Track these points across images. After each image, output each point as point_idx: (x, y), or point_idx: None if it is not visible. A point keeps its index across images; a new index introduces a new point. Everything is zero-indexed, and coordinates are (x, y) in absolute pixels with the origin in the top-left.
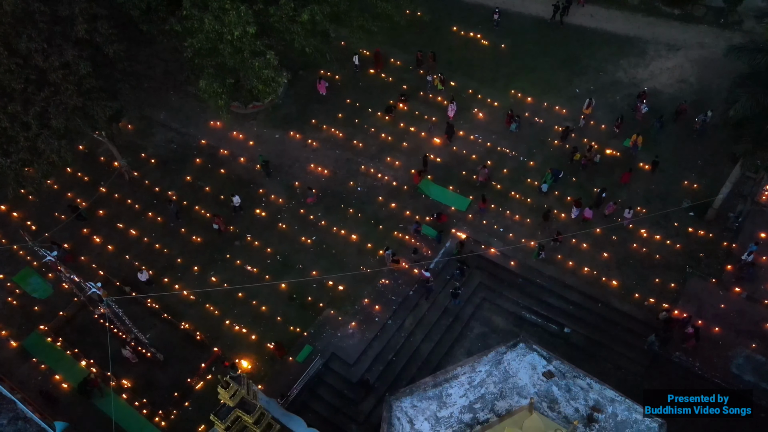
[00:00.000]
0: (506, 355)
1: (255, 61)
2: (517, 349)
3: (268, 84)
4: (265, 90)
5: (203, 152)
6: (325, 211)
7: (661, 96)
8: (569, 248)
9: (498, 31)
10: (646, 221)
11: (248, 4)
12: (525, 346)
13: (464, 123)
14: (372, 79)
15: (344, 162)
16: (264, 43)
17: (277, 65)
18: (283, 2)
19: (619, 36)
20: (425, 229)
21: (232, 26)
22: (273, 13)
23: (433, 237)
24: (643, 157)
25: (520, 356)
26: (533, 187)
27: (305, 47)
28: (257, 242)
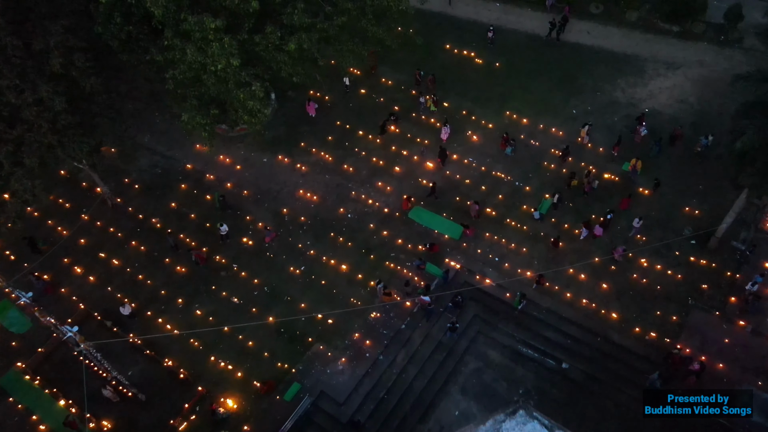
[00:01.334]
0: (505, 423)
1: (240, 93)
2: (517, 416)
3: (254, 115)
4: (252, 121)
5: (189, 177)
6: (314, 239)
7: (660, 117)
8: (566, 279)
9: (492, 49)
10: (646, 250)
11: (232, 33)
12: (525, 413)
13: (458, 146)
14: (363, 100)
15: (334, 187)
16: (249, 73)
17: (263, 97)
18: (269, 31)
19: (616, 54)
20: (430, 267)
21: (215, 57)
22: (258, 42)
23: (438, 277)
24: (643, 182)
25: (519, 425)
26: (529, 213)
27: (293, 76)
28: (244, 272)
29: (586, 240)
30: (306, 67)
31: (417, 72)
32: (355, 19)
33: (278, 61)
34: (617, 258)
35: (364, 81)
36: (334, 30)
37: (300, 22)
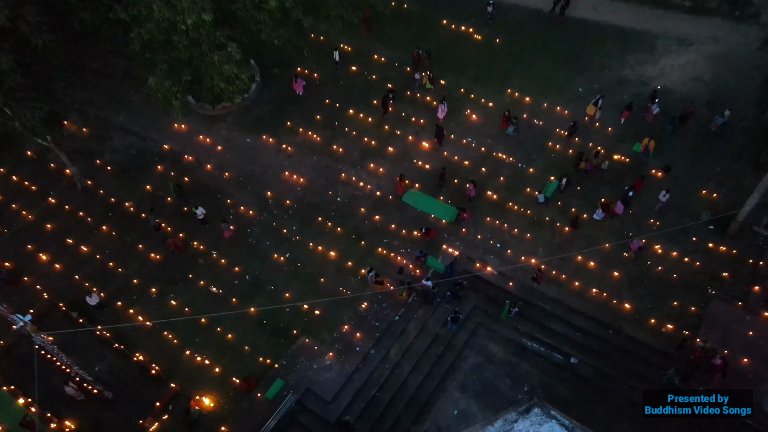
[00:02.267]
0: (517, 424)
1: (214, 55)
2: (531, 415)
3: (231, 82)
4: (229, 89)
5: (166, 158)
6: (300, 224)
7: (672, 95)
8: (575, 267)
9: (492, 25)
10: (660, 236)
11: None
12: (541, 411)
13: (456, 125)
14: (354, 77)
15: (322, 169)
16: (225, 34)
17: (240, 60)
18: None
19: (624, 30)
20: (431, 261)
21: (185, 13)
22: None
23: (441, 272)
24: (655, 164)
25: (534, 425)
26: (533, 197)
27: (274, 39)
28: (224, 260)
29: (596, 224)
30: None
31: (415, 51)
32: None
33: (257, 22)
34: (634, 250)
35: (355, 58)
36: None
37: None
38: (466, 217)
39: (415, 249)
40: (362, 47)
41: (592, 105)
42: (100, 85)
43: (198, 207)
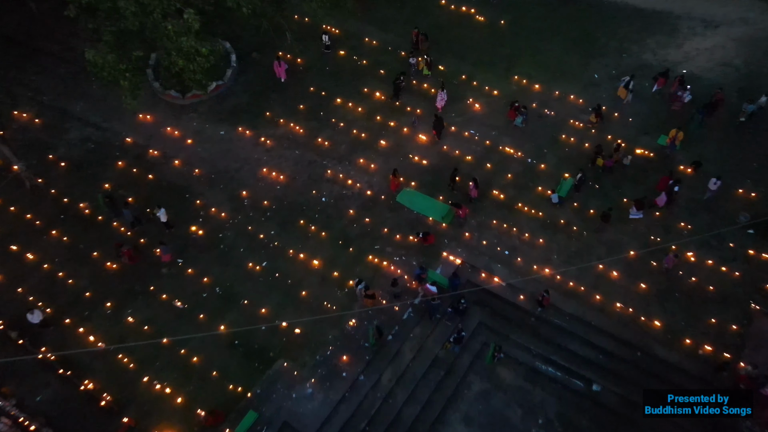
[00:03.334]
0: None
1: (168, 24)
2: None
3: (192, 59)
4: (189, 68)
5: (128, 153)
6: (279, 228)
7: (699, 82)
8: (595, 277)
9: (496, 5)
10: (692, 242)
11: None
12: None
13: (456, 116)
14: (342, 62)
15: (305, 165)
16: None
17: (199, 30)
18: None
19: (643, 10)
20: (432, 275)
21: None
22: None
23: (445, 287)
24: (683, 158)
25: None
26: (545, 196)
27: (242, 7)
28: (191, 269)
29: (620, 227)
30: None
31: (414, 32)
32: None
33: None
34: (668, 267)
35: (344, 41)
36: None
37: None
38: (461, 215)
39: (411, 256)
40: (352, 29)
41: (623, 87)
42: (57, 70)
43: (160, 208)
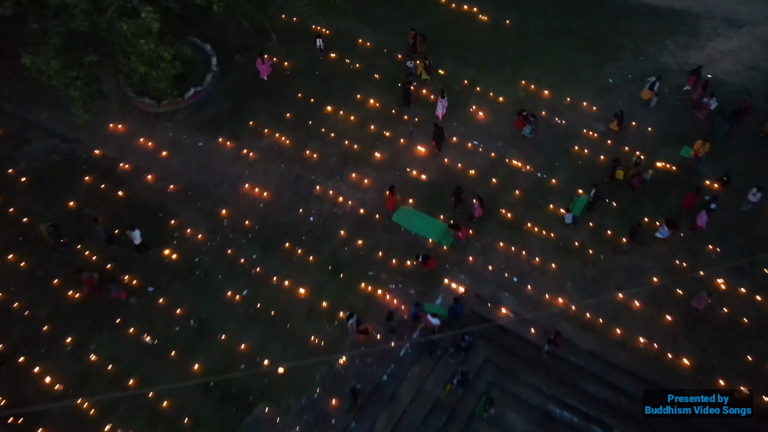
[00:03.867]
0: None
1: (124, 25)
2: None
3: (155, 65)
4: (153, 75)
5: (96, 167)
6: (262, 251)
7: (724, 87)
8: (614, 307)
9: (500, 3)
10: (724, 269)
11: None
12: None
13: (458, 125)
14: (333, 66)
15: (292, 180)
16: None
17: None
18: None
19: (660, 8)
20: (430, 308)
21: None
22: None
23: (445, 317)
24: (709, 172)
25: None
26: (557, 215)
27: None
28: (163, 299)
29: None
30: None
31: (411, 34)
32: None
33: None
34: (699, 308)
35: (335, 42)
36: None
37: None
38: (461, 237)
39: (409, 283)
40: (344, 29)
41: (647, 89)
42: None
43: (134, 229)
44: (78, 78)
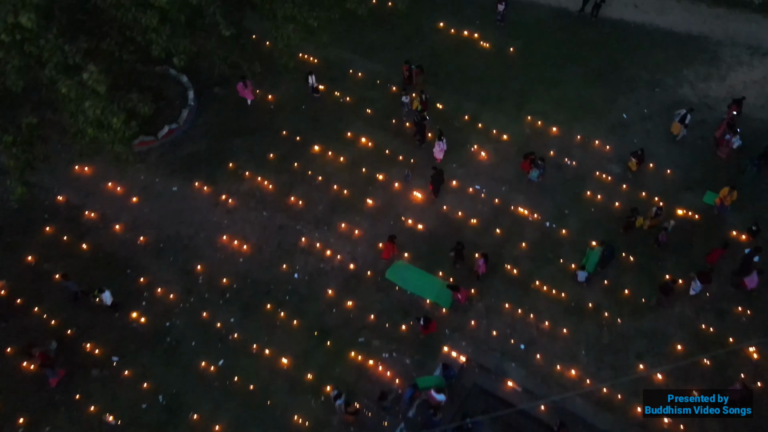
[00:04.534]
0: None
1: (63, 84)
2: None
3: (104, 127)
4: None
5: (59, 215)
6: (241, 313)
7: (749, 123)
8: (634, 379)
9: (504, 29)
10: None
11: None
12: None
13: (458, 167)
14: (321, 100)
15: (274, 231)
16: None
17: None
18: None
19: (677, 34)
20: (424, 382)
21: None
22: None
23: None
24: (736, 221)
25: None
26: (568, 271)
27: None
28: (128, 370)
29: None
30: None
31: (405, 66)
32: None
33: (144, 28)
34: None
35: (324, 72)
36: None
37: None
38: (460, 299)
39: (404, 352)
40: (333, 58)
41: (677, 122)
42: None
43: (103, 290)
44: (14, 143)
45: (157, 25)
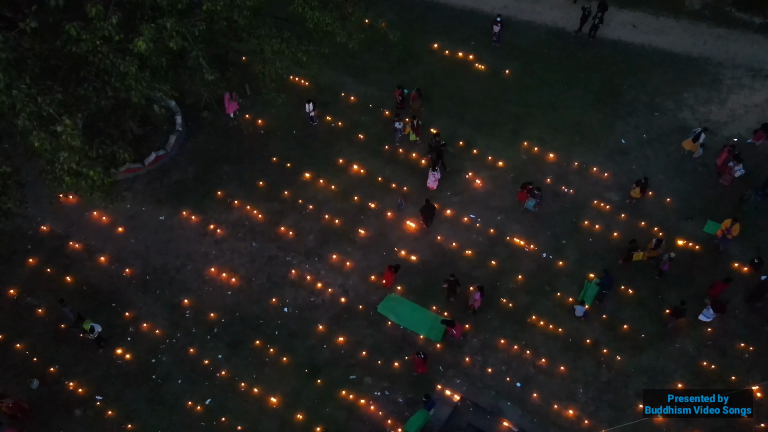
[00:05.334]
0: None
1: (34, 137)
2: None
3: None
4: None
5: (42, 246)
6: (229, 350)
7: (751, 149)
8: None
9: (500, 50)
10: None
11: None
12: None
13: (453, 195)
14: (312, 125)
15: (264, 262)
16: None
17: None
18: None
19: (677, 56)
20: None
21: None
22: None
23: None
24: (738, 253)
25: None
26: (565, 305)
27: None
28: (112, 410)
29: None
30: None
31: (397, 91)
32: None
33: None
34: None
35: (314, 96)
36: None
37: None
38: (455, 334)
39: (397, 390)
40: (324, 81)
41: (691, 140)
42: None
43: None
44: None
45: (136, 72)
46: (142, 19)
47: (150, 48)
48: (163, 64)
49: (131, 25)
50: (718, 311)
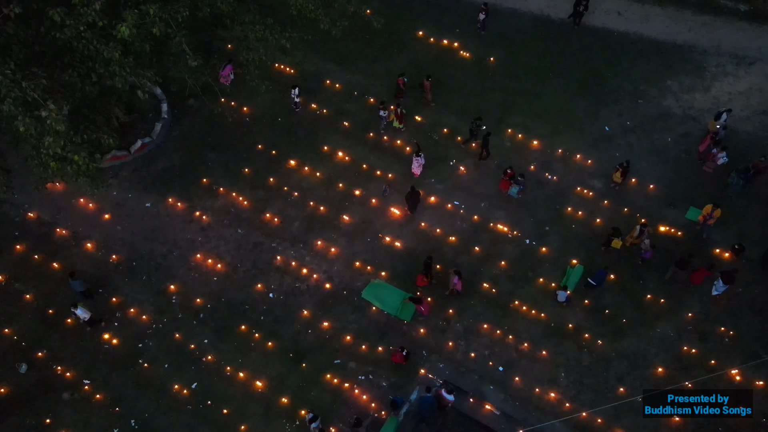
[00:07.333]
0: None
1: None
2: None
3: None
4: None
5: (29, 232)
6: (215, 335)
7: (734, 136)
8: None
9: (485, 38)
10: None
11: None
12: None
13: (437, 182)
14: (297, 112)
15: (249, 249)
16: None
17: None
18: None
19: (661, 43)
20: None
21: None
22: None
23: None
24: (720, 239)
25: None
26: (548, 290)
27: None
28: (100, 394)
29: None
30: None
31: (400, 79)
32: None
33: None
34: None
35: (299, 84)
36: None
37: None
38: (423, 312)
39: (380, 375)
40: (309, 68)
41: (713, 120)
42: None
43: (77, 307)
44: None
45: (119, 58)
46: (125, 5)
47: (133, 34)
48: (146, 50)
49: (115, 11)
50: (728, 282)
